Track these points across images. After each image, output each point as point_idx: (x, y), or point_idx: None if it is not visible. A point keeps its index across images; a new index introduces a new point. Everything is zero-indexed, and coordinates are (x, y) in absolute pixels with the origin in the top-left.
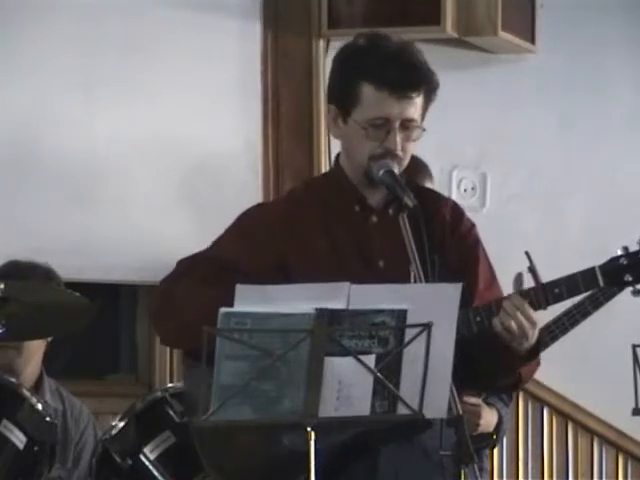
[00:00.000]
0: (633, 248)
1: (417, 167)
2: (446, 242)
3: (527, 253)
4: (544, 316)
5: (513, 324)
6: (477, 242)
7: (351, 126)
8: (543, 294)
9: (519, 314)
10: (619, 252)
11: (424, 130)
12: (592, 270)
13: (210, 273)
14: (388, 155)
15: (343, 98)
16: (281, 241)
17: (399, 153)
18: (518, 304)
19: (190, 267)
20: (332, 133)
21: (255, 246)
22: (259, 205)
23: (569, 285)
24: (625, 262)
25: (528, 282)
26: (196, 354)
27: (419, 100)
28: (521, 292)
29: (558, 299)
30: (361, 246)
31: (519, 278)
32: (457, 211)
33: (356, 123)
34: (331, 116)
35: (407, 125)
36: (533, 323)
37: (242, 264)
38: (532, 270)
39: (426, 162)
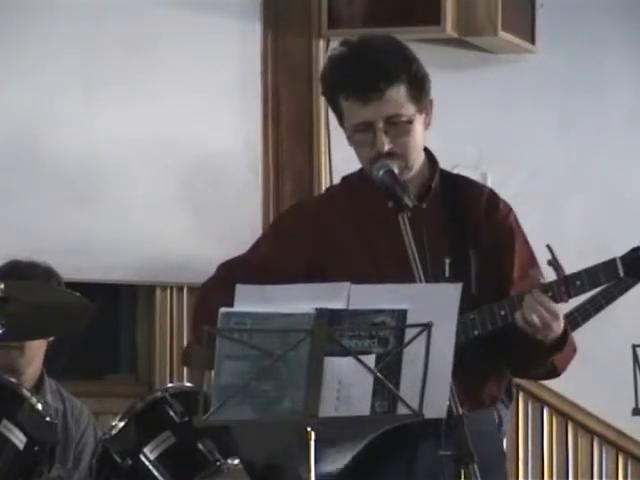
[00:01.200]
0: None
1: None
2: (482, 229)
3: (549, 246)
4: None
5: (535, 318)
6: (512, 229)
7: (347, 136)
8: (565, 287)
9: (539, 307)
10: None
11: (410, 122)
12: (613, 261)
13: (247, 279)
14: (381, 157)
15: (335, 113)
16: (313, 240)
17: (395, 151)
18: (538, 298)
19: (226, 273)
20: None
21: (287, 246)
22: (297, 205)
23: (590, 277)
24: None
25: (548, 275)
26: None
27: (395, 94)
28: (543, 285)
29: (580, 291)
30: (394, 242)
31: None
32: (492, 198)
33: (347, 133)
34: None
35: (393, 121)
36: (555, 315)
37: (275, 265)
38: (554, 263)
39: None
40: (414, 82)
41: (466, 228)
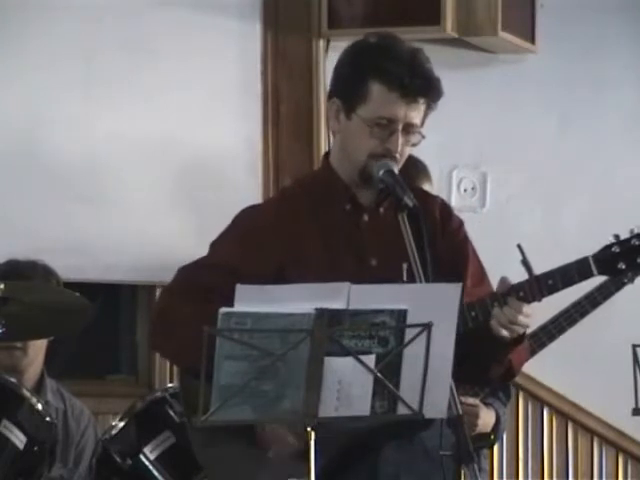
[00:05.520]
0: (624, 236)
1: (417, 169)
2: (437, 240)
3: (519, 246)
4: (545, 313)
5: (516, 328)
6: (466, 239)
7: (354, 122)
8: (537, 286)
9: (521, 318)
10: (611, 240)
11: (424, 137)
12: (585, 260)
13: (211, 282)
14: (387, 155)
15: (350, 93)
16: (277, 242)
17: (397, 155)
18: (517, 308)
19: (190, 277)
20: (331, 127)
21: (253, 250)
22: (253, 207)
23: (563, 276)
24: (618, 250)
25: (520, 274)
26: (195, 372)
27: (423, 107)
28: (515, 285)
29: (553, 290)
30: (353, 244)
31: (504, 282)
32: (446, 209)
33: (361, 120)
34: (332, 110)
35: (409, 129)
36: (529, 317)
37: (242, 269)
38: (525, 263)
39: (425, 163)
40: (435, 102)
41: (424, 236)
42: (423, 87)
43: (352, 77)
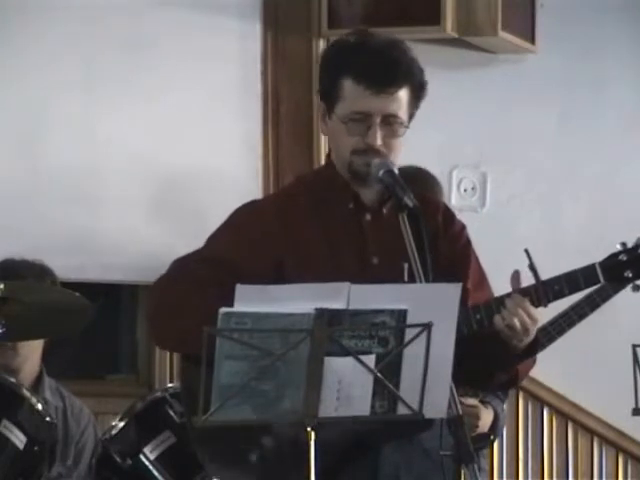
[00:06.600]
0: (631, 244)
1: (432, 182)
2: (438, 243)
3: (527, 251)
4: (545, 314)
5: (516, 321)
6: (468, 243)
7: (334, 121)
8: (543, 291)
9: (521, 311)
10: (618, 247)
11: (407, 127)
12: (592, 267)
13: (208, 275)
14: (370, 150)
15: (327, 94)
16: (277, 238)
17: (382, 149)
18: (520, 302)
19: (186, 269)
20: (321, 130)
21: (252, 245)
22: (252, 202)
23: (569, 282)
24: (625, 258)
25: (526, 279)
26: (195, 358)
27: (402, 96)
28: (522, 290)
29: (559, 296)
30: (356, 243)
31: (516, 275)
32: (448, 213)
33: (338, 118)
34: (320, 113)
35: (389, 121)
36: (534, 320)
37: (239, 263)
38: (532, 268)
39: (435, 175)
40: (418, 92)
41: (424, 236)
42: (390, 77)
43: (326, 77)
